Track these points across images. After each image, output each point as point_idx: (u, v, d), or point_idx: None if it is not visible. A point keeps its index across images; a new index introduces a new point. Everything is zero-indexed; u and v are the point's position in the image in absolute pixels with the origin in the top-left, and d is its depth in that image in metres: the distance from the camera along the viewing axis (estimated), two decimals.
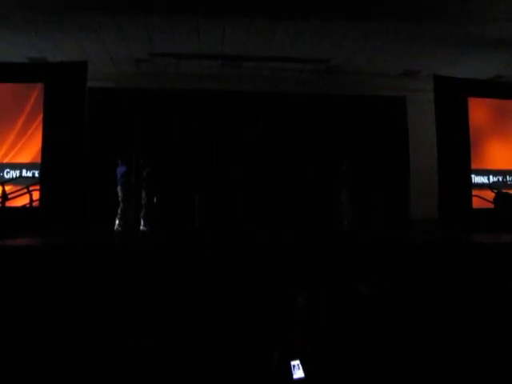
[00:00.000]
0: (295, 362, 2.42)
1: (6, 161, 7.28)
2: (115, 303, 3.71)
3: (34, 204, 6.96)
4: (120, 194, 7.19)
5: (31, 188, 6.97)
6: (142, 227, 7.15)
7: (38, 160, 7.15)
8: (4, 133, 7.29)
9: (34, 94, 7.34)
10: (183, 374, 2.96)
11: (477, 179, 8.13)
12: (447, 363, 2.63)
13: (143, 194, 7.21)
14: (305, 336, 2.55)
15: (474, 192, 7.86)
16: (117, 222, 7.09)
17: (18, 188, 7.05)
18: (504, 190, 7.85)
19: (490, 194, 7.77)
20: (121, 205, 7.16)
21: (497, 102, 8.43)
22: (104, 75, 8.29)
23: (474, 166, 7.99)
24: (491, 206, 7.67)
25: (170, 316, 3.62)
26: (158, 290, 3.86)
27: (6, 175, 7.25)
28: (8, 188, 7.02)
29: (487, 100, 8.38)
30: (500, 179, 8.23)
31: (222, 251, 4.41)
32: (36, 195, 7.00)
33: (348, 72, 8.68)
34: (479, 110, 8.30)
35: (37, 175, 7.23)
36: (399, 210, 8.62)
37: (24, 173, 7.27)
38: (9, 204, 6.86)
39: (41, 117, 7.21)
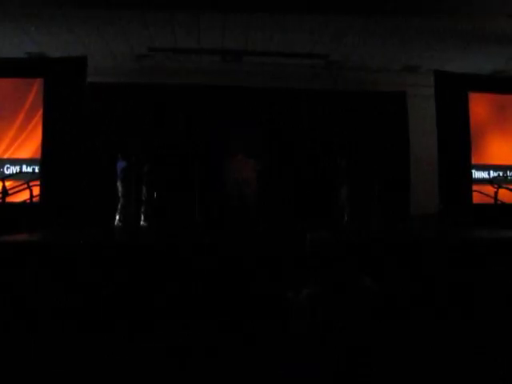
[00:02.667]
0: None
1: (5, 156, 7.27)
2: (115, 302, 3.70)
3: (34, 199, 6.95)
4: (120, 189, 7.18)
5: (31, 183, 6.95)
6: (142, 222, 7.15)
7: (38, 155, 7.15)
8: (4, 128, 7.28)
9: (34, 89, 7.32)
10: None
11: (477, 174, 8.14)
12: (450, 356, 2.63)
13: (143, 190, 7.21)
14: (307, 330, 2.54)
15: (475, 187, 7.88)
16: (117, 217, 7.08)
17: (18, 183, 7.03)
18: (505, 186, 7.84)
19: (491, 189, 7.76)
20: (121, 200, 7.15)
21: (497, 97, 8.42)
22: (104, 70, 8.26)
23: (474, 161, 8.01)
24: (492, 201, 7.67)
25: (173, 312, 3.63)
26: (158, 287, 3.87)
27: (6, 171, 7.25)
28: (8, 183, 7.00)
29: (488, 95, 8.37)
30: (500, 174, 8.23)
31: (223, 245, 4.42)
32: (36, 191, 6.98)
33: (348, 67, 8.66)
34: (480, 105, 8.29)
35: (37, 170, 7.22)
36: (399, 205, 8.62)
37: (24, 168, 7.26)
38: (9, 200, 6.85)
39: (40, 112, 7.19)
